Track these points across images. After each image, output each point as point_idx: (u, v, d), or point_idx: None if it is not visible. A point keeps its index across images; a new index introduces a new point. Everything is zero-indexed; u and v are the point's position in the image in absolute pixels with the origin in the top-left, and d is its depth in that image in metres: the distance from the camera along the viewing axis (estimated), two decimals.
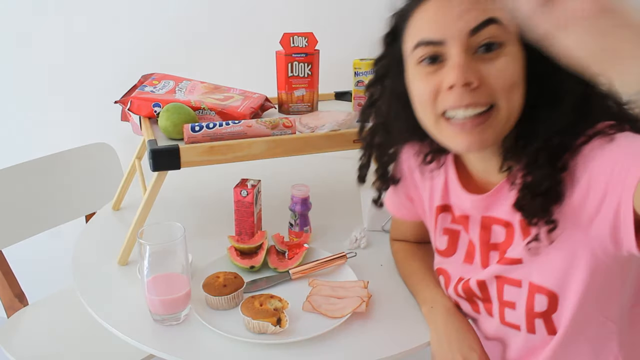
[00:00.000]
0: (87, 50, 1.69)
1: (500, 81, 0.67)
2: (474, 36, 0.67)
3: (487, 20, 0.66)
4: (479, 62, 0.67)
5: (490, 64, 0.67)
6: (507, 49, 0.67)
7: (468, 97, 0.67)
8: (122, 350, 1.23)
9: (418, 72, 0.72)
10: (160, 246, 0.90)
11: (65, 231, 1.51)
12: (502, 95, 0.68)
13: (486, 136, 0.70)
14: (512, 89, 0.68)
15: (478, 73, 0.67)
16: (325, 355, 0.86)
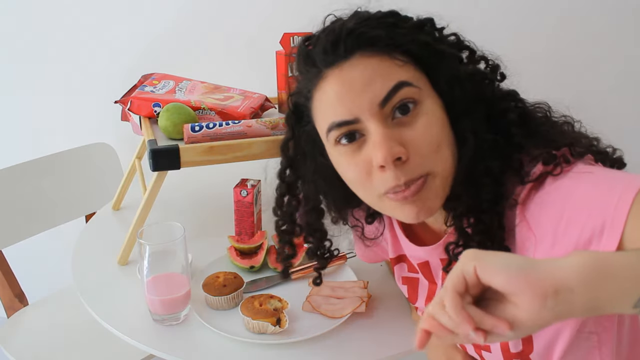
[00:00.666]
0: (87, 50, 1.69)
1: (426, 145, 0.63)
2: (386, 106, 0.63)
3: (395, 86, 0.62)
4: (400, 129, 0.63)
5: (411, 128, 0.63)
6: (423, 107, 0.64)
7: (403, 174, 0.62)
8: (122, 350, 1.23)
9: (340, 153, 0.67)
10: (160, 246, 0.90)
11: (65, 231, 1.51)
12: (433, 159, 0.63)
13: (430, 203, 0.65)
14: (441, 148, 0.64)
15: (402, 142, 0.62)
16: (325, 355, 0.86)
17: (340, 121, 0.64)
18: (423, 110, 0.63)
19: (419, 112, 0.63)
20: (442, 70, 0.65)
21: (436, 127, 0.64)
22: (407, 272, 0.87)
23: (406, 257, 0.86)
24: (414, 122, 0.63)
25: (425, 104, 0.64)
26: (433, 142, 0.63)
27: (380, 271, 1.07)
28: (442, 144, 0.64)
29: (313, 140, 0.72)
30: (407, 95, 0.63)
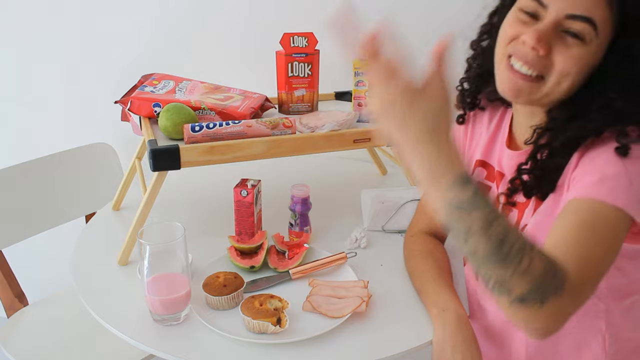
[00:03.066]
0: (87, 50, 1.69)
1: (561, 65, 0.74)
2: (568, 20, 0.73)
3: (586, 17, 0.72)
4: (559, 40, 0.74)
5: (565, 47, 0.74)
6: (587, 47, 0.73)
7: (530, 58, 0.75)
8: (122, 350, 1.23)
9: (515, 13, 0.79)
10: (160, 246, 0.90)
11: (65, 231, 1.51)
12: (555, 75, 0.75)
13: (522, 93, 0.78)
14: (566, 77, 0.75)
15: (550, 47, 0.74)
16: (325, 355, 0.86)
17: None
18: (585, 48, 0.74)
19: (582, 44, 0.73)
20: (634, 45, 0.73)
21: (581, 64, 0.74)
22: (484, 179, 0.95)
23: (489, 165, 0.95)
24: (572, 47, 0.74)
25: (591, 47, 0.74)
26: (567, 69, 0.74)
27: (381, 271, 1.07)
28: (569, 77, 0.75)
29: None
30: (585, 31, 0.72)
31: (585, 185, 0.72)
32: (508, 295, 0.63)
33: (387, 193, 1.21)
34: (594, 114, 0.75)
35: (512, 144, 0.91)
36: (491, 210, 0.63)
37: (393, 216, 1.19)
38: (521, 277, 0.62)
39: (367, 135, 1.15)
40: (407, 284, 1.02)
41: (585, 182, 0.72)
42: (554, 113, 0.80)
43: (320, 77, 1.30)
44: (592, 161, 0.73)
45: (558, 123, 0.78)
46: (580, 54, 0.74)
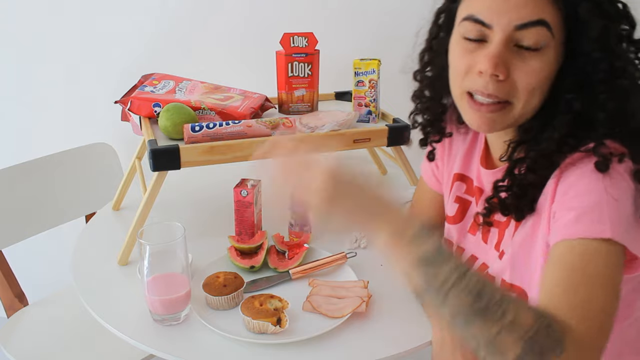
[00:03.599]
0: (87, 50, 1.69)
1: (524, 82, 0.70)
2: (518, 31, 0.68)
3: (537, 21, 0.67)
4: (515, 56, 0.69)
5: (524, 61, 0.69)
6: (545, 54, 0.69)
7: (492, 87, 0.70)
8: (122, 350, 1.23)
9: (459, 43, 0.74)
10: (160, 246, 0.90)
11: (65, 231, 1.51)
12: (521, 96, 0.71)
13: (495, 124, 0.74)
14: (533, 93, 0.71)
15: (509, 67, 0.70)
16: (325, 355, 0.86)
17: (478, 19, 0.71)
18: (543, 55, 0.69)
19: (539, 54, 0.69)
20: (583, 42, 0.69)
21: (543, 75, 0.70)
22: (464, 194, 0.92)
23: (468, 179, 0.92)
24: (530, 59, 0.69)
25: (549, 52, 0.69)
26: (532, 84, 0.70)
27: (381, 271, 1.07)
28: (537, 92, 0.71)
29: (451, 17, 0.78)
30: (539, 35, 0.68)
31: (565, 225, 0.65)
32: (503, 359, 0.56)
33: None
34: (557, 119, 0.71)
35: (488, 161, 0.87)
36: (460, 262, 0.60)
37: None
38: (509, 334, 0.55)
39: (367, 135, 1.15)
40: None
41: (565, 221, 0.66)
42: (525, 125, 0.76)
43: (320, 77, 1.30)
44: (571, 188, 0.67)
45: (530, 135, 0.75)
46: (540, 65, 0.69)
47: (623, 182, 0.66)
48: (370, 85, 1.23)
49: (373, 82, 1.22)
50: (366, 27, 1.56)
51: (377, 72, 1.22)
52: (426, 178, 1.06)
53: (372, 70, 1.22)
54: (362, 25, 1.56)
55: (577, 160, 0.69)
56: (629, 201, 0.66)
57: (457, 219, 0.93)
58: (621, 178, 0.67)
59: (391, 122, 1.24)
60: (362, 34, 1.57)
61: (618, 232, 0.63)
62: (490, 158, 0.88)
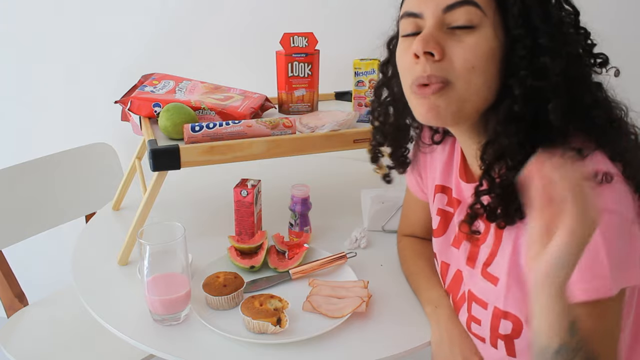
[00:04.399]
0: (87, 50, 1.69)
1: (462, 59, 0.68)
2: (447, 13, 0.69)
3: (463, 1, 0.68)
4: (449, 37, 0.69)
5: (458, 40, 0.68)
6: (480, 31, 0.68)
7: (429, 68, 0.69)
8: (122, 350, 1.23)
9: (401, 44, 0.75)
10: (160, 246, 0.90)
11: (65, 231, 1.51)
12: (460, 73, 0.68)
13: (442, 110, 0.71)
14: (473, 71, 0.68)
15: (442, 46, 0.68)
16: (325, 355, 0.86)
17: (410, 11, 0.72)
18: (478, 33, 0.68)
19: (473, 32, 0.68)
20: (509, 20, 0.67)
21: (480, 51, 0.68)
22: (445, 206, 0.91)
23: (449, 190, 0.90)
24: (464, 37, 0.68)
25: (483, 29, 0.68)
26: (469, 60, 0.68)
27: (381, 271, 1.07)
28: (478, 69, 0.68)
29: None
30: (469, 14, 0.67)
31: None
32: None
33: (387, 193, 1.21)
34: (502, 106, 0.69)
35: (467, 175, 0.85)
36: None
37: (393, 216, 1.19)
38: None
39: (367, 135, 1.15)
40: (407, 284, 1.02)
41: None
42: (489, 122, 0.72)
43: (320, 77, 1.30)
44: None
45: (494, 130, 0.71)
46: (476, 41, 0.67)
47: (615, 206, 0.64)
48: (370, 85, 1.23)
49: (373, 82, 1.22)
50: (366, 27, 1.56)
51: (377, 72, 1.22)
52: (412, 189, 1.05)
53: (372, 70, 1.22)
54: (362, 25, 1.56)
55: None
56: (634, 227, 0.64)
57: (440, 232, 0.92)
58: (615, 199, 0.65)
59: None
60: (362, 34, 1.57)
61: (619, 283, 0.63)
62: (469, 171, 0.85)
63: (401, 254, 1.08)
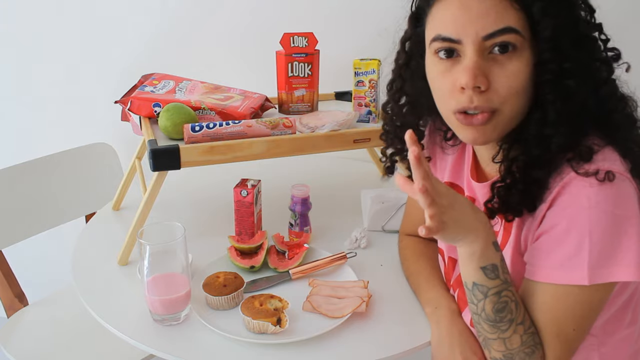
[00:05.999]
0: (88, 50, 1.69)
1: (507, 87, 0.70)
2: (488, 41, 0.69)
3: (503, 29, 0.68)
4: (492, 63, 0.70)
5: (502, 67, 0.70)
6: (521, 54, 0.69)
7: (477, 100, 0.70)
8: (122, 350, 1.23)
9: (434, 63, 0.75)
10: (160, 246, 0.90)
11: (65, 231, 1.51)
12: (506, 100, 0.71)
13: (489, 134, 0.74)
14: (518, 95, 0.71)
15: (488, 76, 0.70)
16: (325, 355, 0.86)
17: (446, 37, 0.72)
18: (519, 57, 0.70)
19: (514, 56, 0.69)
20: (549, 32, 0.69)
21: (523, 75, 0.70)
22: None
23: (459, 188, 0.91)
24: (507, 63, 0.70)
25: (524, 53, 0.70)
26: (514, 86, 0.70)
27: (381, 271, 1.07)
28: (521, 93, 0.71)
29: (421, 42, 0.79)
30: (511, 40, 0.69)
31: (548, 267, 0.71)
32: (488, 352, 0.76)
33: (387, 193, 1.21)
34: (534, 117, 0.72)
35: (479, 175, 0.87)
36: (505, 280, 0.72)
37: (393, 216, 1.19)
38: (499, 345, 0.73)
39: (367, 135, 1.15)
40: (407, 284, 1.02)
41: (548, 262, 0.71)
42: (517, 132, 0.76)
43: (320, 77, 1.30)
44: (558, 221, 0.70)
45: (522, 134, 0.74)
46: (518, 67, 0.69)
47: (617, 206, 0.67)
48: (370, 85, 1.23)
49: (373, 82, 1.22)
50: (366, 27, 1.56)
51: (377, 72, 1.22)
52: None
53: (372, 70, 1.22)
54: (362, 25, 1.56)
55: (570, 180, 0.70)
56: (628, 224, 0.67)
57: None
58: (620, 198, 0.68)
59: None
60: (362, 34, 1.57)
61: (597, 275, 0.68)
62: (481, 171, 0.87)
63: (402, 254, 1.08)
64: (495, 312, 0.71)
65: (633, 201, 0.68)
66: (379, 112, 1.27)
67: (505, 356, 0.73)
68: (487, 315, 0.72)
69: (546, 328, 0.72)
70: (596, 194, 0.67)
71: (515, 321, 0.71)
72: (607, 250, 0.67)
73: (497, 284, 0.71)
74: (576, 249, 0.68)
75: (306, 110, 1.29)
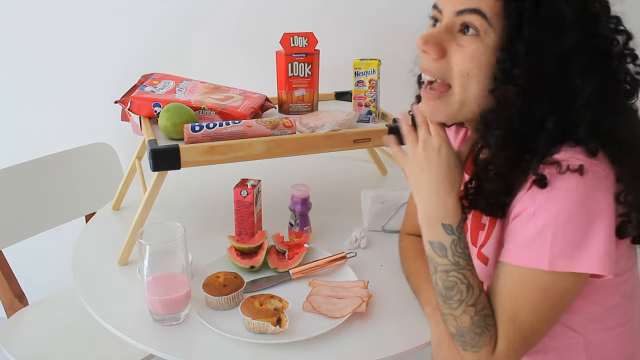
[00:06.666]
0: (87, 50, 1.69)
1: (459, 65, 0.72)
2: (459, 17, 0.72)
3: (473, 9, 0.70)
4: (454, 40, 0.73)
5: (459, 48, 0.72)
6: (481, 39, 0.71)
7: (427, 63, 0.74)
8: (122, 350, 1.23)
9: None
10: (160, 246, 0.90)
11: (65, 231, 1.51)
12: (457, 79, 0.73)
13: (437, 111, 0.77)
14: (469, 78, 0.72)
15: (446, 49, 0.73)
16: (325, 355, 0.86)
17: (436, 5, 0.76)
18: (479, 42, 0.71)
19: (476, 40, 0.71)
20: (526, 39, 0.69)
21: (476, 61, 0.71)
22: None
23: None
24: (465, 44, 0.71)
25: (486, 40, 0.70)
26: (465, 68, 0.72)
27: (381, 271, 1.07)
28: (472, 78, 0.72)
29: None
30: (474, 22, 0.70)
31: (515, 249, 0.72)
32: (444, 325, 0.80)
33: (387, 193, 1.21)
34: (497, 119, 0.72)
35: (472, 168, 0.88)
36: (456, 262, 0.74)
37: (393, 216, 1.19)
38: (452, 320, 0.76)
39: (367, 135, 1.15)
40: (407, 284, 1.02)
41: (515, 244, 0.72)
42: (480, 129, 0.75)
43: (320, 77, 1.30)
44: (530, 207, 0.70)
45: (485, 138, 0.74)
46: (476, 51, 0.70)
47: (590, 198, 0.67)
48: (370, 85, 1.23)
49: (373, 82, 1.22)
50: (366, 27, 1.57)
51: (377, 72, 1.22)
52: None
53: (372, 70, 1.22)
54: (362, 25, 1.56)
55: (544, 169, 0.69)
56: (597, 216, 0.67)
57: None
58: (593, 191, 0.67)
59: (391, 122, 1.24)
60: (362, 34, 1.57)
61: (558, 261, 0.68)
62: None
63: (402, 253, 1.08)
64: (445, 289, 0.75)
65: (605, 196, 0.68)
66: (378, 112, 1.27)
67: (457, 332, 0.76)
68: (439, 289, 0.76)
69: (503, 309, 0.73)
70: (567, 182, 0.67)
71: (466, 302, 0.73)
72: (572, 239, 0.67)
73: (444, 263, 0.75)
74: (540, 232, 0.68)
75: (306, 110, 1.29)
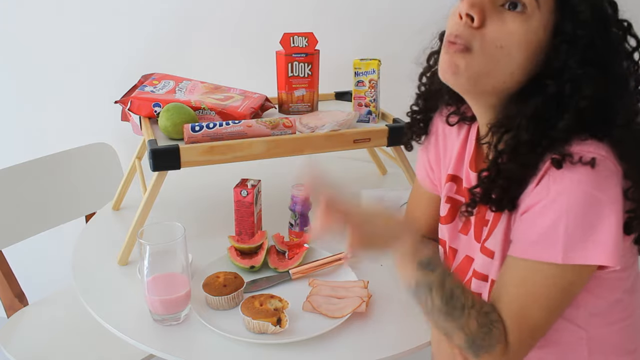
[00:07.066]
0: (87, 50, 1.69)
1: (494, 37, 0.68)
2: None
3: None
4: (496, 13, 0.69)
5: (502, 21, 0.68)
6: (525, 22, 0.68)
7: (460, 29, 0.69)
8: (122, 350, 1.23)
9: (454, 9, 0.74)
10: (160, 246, 0.90)
11: (65, 231, 1.51)
12: (486, 46, 0.69)
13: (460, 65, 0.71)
14: (500, 52, 0.69)
15: (484, 17, 0.69)
16: (325, 355, 0.86)
17: None
18: (522, 20, 0.68)
19: (519, 17, 0.68)
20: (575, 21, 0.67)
21: (516, 39, 0.68)
22: (455, 194, 0.91)
23: (459, 180, 0.90)
24: (508, 20, 0.68)
25: (531, 23, 0.68)
26: (502, 41, 0.68)
27: (381, 271, 1.07)
28: (509, 54, 0.68)
29: None
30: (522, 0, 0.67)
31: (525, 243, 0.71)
32: (451, 342, 0.74)
33: (387, 193, 1.21)
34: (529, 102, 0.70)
35: (477, 165, 0.86)
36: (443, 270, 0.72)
37: None
38: (459, 332, 0.72)
39: (367, 135, 1.16)
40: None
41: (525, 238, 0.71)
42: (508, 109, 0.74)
43: (320, 77, 1.30)
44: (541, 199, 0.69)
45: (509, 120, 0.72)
46: (517, 29, 0.68)
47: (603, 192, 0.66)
48: (370, 85, 1.23)
49: (373, 82, 1.22)
50: (366, 27, 1.57)
51: (377, 72, 1.22)
52: (421, 180, 1.05)
53: (372, 70, 1.22)
54: (362, 25, 1.56)
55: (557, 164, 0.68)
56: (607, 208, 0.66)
57: (449, 219, 0.92)
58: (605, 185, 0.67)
59: (391, 122, 1.24)
60: (362, 34, 1.57)
61: (571, 255, 0.67)
62: (480, 161, 0.86)
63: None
64: (445, 303, 0.71)
65: (615, 188, 0.67)
66: (378, 112, 1.27)
67: (467, 341, 0.72)
68: (438, 308, 0.72)
69: (512, 304, 0.71)
70: (579, 173, 0.66)
71: (467, 305, 0.71)
72: (584, 231, 0.67)
73: (437, 274, 0.72)
74: (552, 226, 0.67)
75: (306, 110, 1.29)
